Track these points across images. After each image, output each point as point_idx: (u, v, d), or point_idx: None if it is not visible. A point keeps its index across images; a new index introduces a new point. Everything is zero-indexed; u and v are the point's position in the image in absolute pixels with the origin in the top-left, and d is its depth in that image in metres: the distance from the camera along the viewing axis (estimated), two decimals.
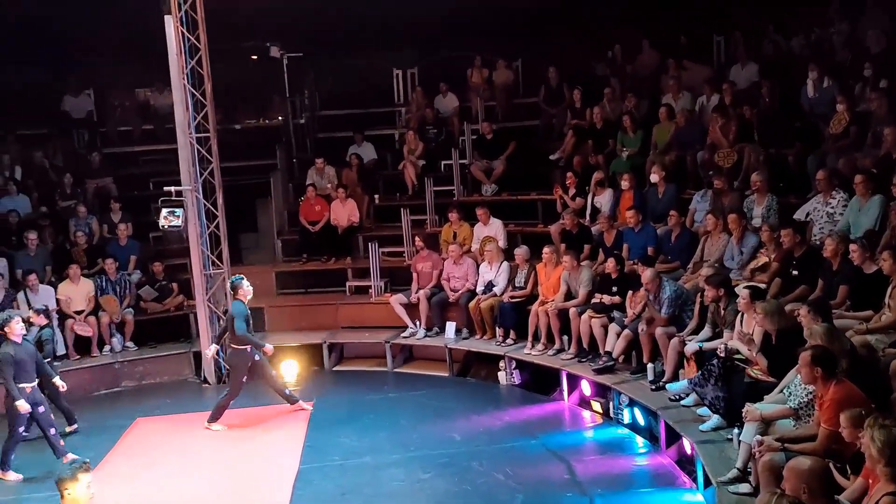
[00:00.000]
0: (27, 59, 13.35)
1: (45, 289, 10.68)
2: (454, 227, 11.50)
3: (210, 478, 7.70)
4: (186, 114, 10.27)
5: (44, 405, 8.00)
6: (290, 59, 14.18)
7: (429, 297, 10.84)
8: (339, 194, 12.34)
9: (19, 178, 12.42)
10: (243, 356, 8.86)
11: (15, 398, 7.70)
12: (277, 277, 12.42)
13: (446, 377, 10.41)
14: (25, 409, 7.73)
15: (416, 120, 13.77)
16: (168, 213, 10.44)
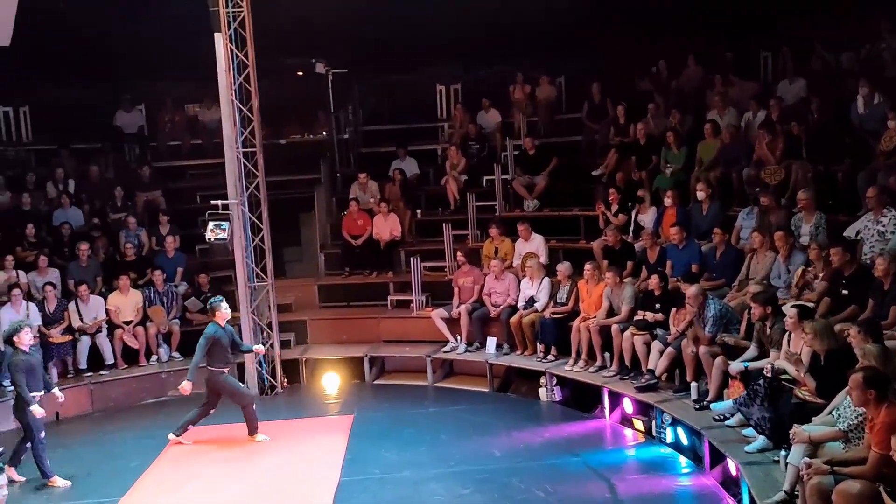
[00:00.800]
0: (83, 77, 13.79)
1: (96, 299, 10.94)
2: (496, 243, 11.51)
3: (252, 488, 7.77)
4: (234, 129, 10.48)
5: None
6: (335, 75, 14.37)
7: (470, 312, 10.85)
8: (381, 209, 12.44)
9: (73, 192, 12.75)
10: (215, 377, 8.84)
11: (29, 403, 7.81)
12: (320, 290, 12.55)
13: (486, 392, 10.39)
14: (41, 414, 7.85)
15: (459, 135, 13.84)
16: (214, 226, 10.63)
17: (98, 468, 8.45)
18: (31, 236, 11.68)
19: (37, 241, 11.71)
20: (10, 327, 8.19)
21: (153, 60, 13.16)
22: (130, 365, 10.96)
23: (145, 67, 13.59)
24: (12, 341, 7.95)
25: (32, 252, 11.38)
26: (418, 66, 14.94)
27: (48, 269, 11.10)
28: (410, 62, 14.69)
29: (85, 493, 7.78)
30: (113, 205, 12.71)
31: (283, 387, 10.89)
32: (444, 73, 15.16)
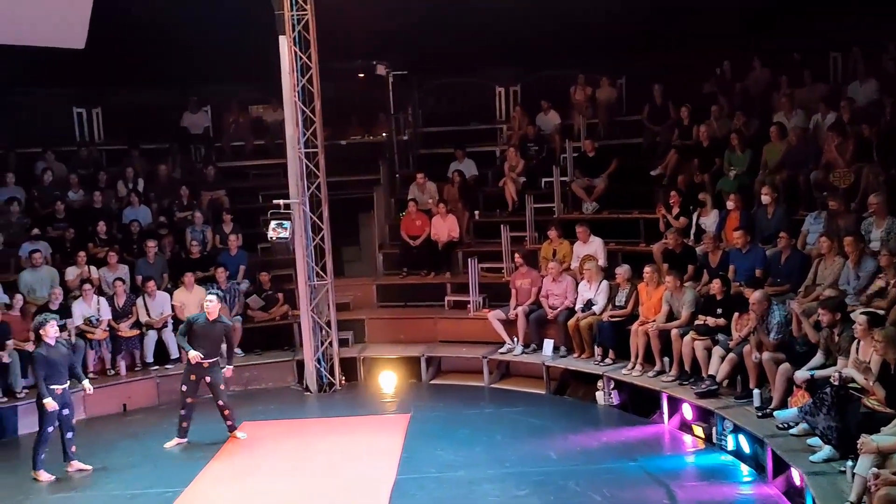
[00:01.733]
0: (152, 80, 14.20)
1: (162, 295, 11.25)
2: (554, 245, 11.46)
3: (310, 482, 7.90)
4: (296, 130, 10.66)
5: (69, 408, 8.31)
6: (395, 76, 14.51)
7: (527, 314, 10.83)
8: (439, 209, 12.51)
9: (142, 190, 13.13)
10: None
11: (42, 396, 8.06)
12: (378, 290, 12.68)
13: (543, 395, 10.36)
14: (52, 407, 8.06)
15: (518, 137, 13.82)
16: (276, 225, 10.85)
17: (163, 459, 8.71)
18: (102, 233, 12.06)
19: (108, 237, 12.08)
20: (37, 320, 8.46)
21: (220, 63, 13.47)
22: None
23: (212, 70, 13.92)
24: (39, 334, 8.22)
25: (103, 248, 11.75)
26: (478, 67, 14.97)
27: (118, 266, 11.45)
28: (470, 64, 14.73)
29: (151, 483, 8.02)
30: (179, 203, 13.04)
31: (341, 384, 11.04)
32: (504, 75, 15.16)
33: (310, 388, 10.91)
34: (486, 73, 15.14)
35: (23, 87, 13.77)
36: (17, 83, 13.50)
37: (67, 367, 8.33)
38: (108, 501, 7.68)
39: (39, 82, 13.73)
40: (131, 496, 7.75)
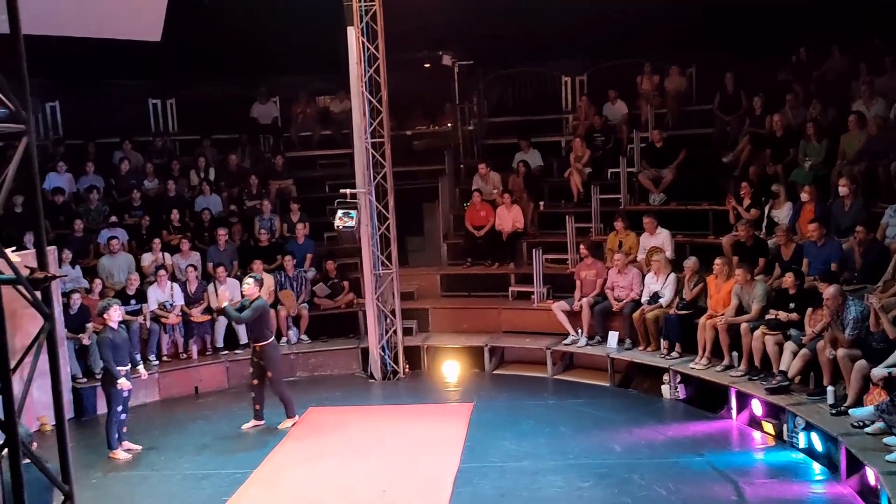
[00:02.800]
0: (223, 72, 14.53)
1: (232, 282, 11.52)
2: (620, 236, 11.33)
3: (375, 468, 8.01)
4: (363, 120, 10.78)
5: (128, 391, 8.58)
6: (461, 67, 14.51)
7: (592, 306, 10.75)
8: (504, 200, 12.49)
9: (213, 179, 13.46)
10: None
11: (116, 377, 8.36)
12: (442, 280, 12.74)
13: (607, 387, 10.27)
14: (126, 386, 8.40)
15: (584, 127, 13.67)
16: (343, 215, 10.99)
17: (234, 440, 8.95)
18: (175, 221, 12.42)
19: (180, 225, 12.45)
20: (101, 305, 8.78)
21: (288, 55, 13.71)
22: None
23: (281, 62, 14.17)
24: (103, 318, 8.53)
25: (176, 236, 12.11)
26: (544, 57, 14.85)
27: (190, 252, 11.77)
28: (536, 54, 14.63)
29: (222, 464, 8.26)
30: (248, 192, 13.32)
31: (405, 373, 11.15)
32: (570, 65, 14.99)
33: (374, 375, 11.05)
34: (552, 62, 15.00)
35: (102, 79, 14.25)
36: (97, 75, 13.99)
37: (128, 351, 8.66)
38: (182, 480, 7.94)
39: (117, 74, 14.20)
40: (204, 476, 8.00)
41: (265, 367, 9.10)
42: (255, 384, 9.21)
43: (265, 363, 9.09)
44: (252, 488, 7.64)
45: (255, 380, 9.21)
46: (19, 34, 3.39)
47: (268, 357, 9.12)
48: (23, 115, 3.40)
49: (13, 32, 3.39)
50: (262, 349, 9.10)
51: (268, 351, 9.13)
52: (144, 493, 7.69)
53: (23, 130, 3.40)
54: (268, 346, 9.14)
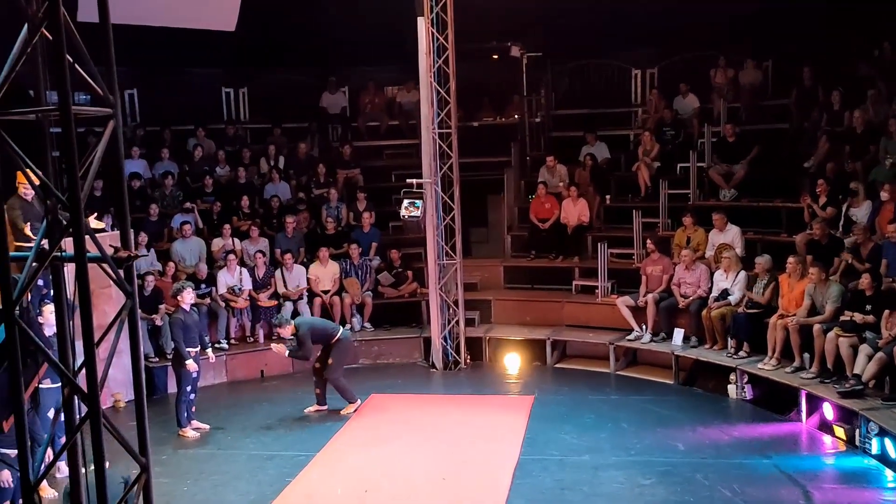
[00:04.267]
0: (294, 62, 14.77)
1: (298, 268, 11.75)
2: (688, 232, 11.13)
3: (435, 456, 8.07)
4: (431, 110, 10.82)
5: (197, 372, 8.80)
6: (529, 58, 14.43)
7: (657, 302, 10.59)
8: (570, 193, 12.40)
9: (282, 167, 13.71)
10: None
11: (185, 358, 8.60)
12: (505, 272, 12.74)
13: (671, 385, 10.13)
14: (194, 368, 8.63)
15: (653, 121, 13.46)
16: (409, 204, 11.08)
17: (298, 423, 9.14)
18: (245, 208, 12.70)
19: (250, 212, 12.72)
20: (175, 287, 9.05)
21: (358, 45, 13.85)
22: None
23: (350, 52, 14.33)
24: (176, 300, 8.78)
25: (246, 222, 12.39)
26: (614, 49, 14.66)
27: (259, 239, 12.02)
28: (606, 45, 14.45)
29: (286, 446, 8.45)
30: (316, 181, 13.52)
31: (467, 363, 11.19)
32: (640, 57, 14.76)
33: (436, 364, 11.12)
34: (622, 55, 14.80)
35: (178, 67, 14.64)
36: (173, 64, 14.37)
37: (198, 333, 8.89)
38: (248, 460, 8.14)
39: (193, 63, 14.56)
40: (268, 457, 8.18)
41: (330, 354, 9.26)
42: (317, 368, 9.38)
43: (331, 351, 9.25)
44: (315, 471, 7.79)
45: (317, 363, 9.38)
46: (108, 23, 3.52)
47: (338, 348, 9.30)
48: (110, 100, 3.53)
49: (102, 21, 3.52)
50: (335, 343, 9.29)
51: (341, 342, 9.33)
52: (211, 470, 7.91)
53: (110, 114, 3.53)
54: (339, 341, 9.33)
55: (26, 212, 8.10)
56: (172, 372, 9.12)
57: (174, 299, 8.94)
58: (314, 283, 11.69)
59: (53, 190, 3.52)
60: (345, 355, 9.53)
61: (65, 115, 3.27)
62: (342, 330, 9.60)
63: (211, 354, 9.31)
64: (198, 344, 8.85)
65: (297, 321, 9.49)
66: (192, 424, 8.88)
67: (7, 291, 3.38)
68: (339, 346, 9.33)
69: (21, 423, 3.43)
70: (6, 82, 3.34)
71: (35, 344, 3.49)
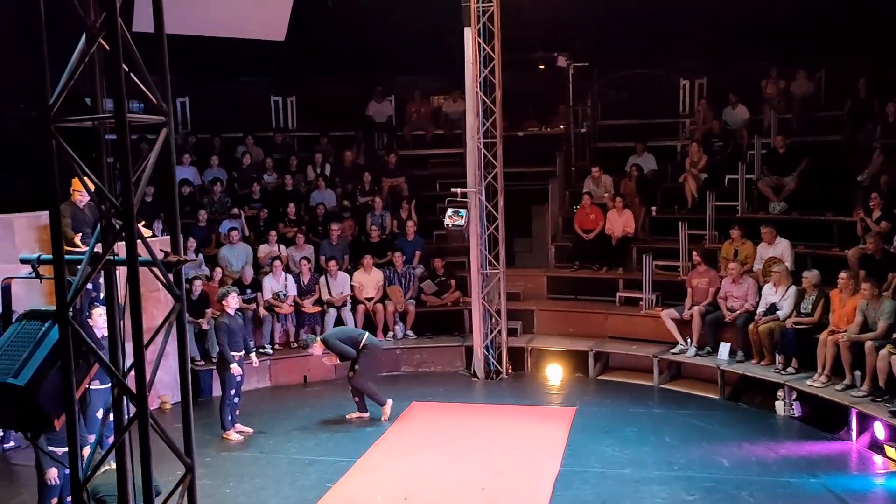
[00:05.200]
0: (342, 70, 14.95)
1: (343, 275, 11.84)
2: (735, 245, 10.96)
3: (475, 466, 8.04)
4: (476, 120, 10.85)
5: (241, 376, 8.90)
6: (576, 68, 14.38)
7: (703, 315, 10.44)
8: (615, 204, 12.30)
9: (328, 175, 13.86)
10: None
11: (229, 362, 8.70)
12: (548, 282, 12.69)
13: (716, 399, 9.96)
14: (238, 372, 8.74)
15: (701, 132, 13.30)
16: (453, 213, 11.11)
17: (339, 430, 9.20)
18: (291, 214, 12.86)
19: (296, 218, 12.88)
20: (220, 292, 9.18)
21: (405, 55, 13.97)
22: None
23: (397, 61, 14.46)
24: (222, 304, 8.91)
25: (292, 228, 12.55)
26: (662, 59, 14.54)
27: (304, 245, 12.17)
28: (654, 56, 14.34)
29: (328, 451, 8.52)
30: (362, 189, 13.64)
31: (508, 373, 11.15)
32: (689, 67, 14.61)
33: (477, 374, 11.11)
34: (670, 65, 14.67)
35: (228, 76, 14.92)
36: (224, 73, 14.66)
37: (243, 337, 9.01)
38: (289, 464, 8.22)
39: (243, 72, 14.84)
40: (310, 461, 8.26)
41: (357, 360, 9.28)
42: (350, 376, 9.43)
43: (359, 358, 9.27)
44: (355, 477, 7.84)
45: (350, 372, 9.43)
46: (163, 33, 3.61)
47: (364, 354, 9.30)
48: (163, 108, 3.62)
49: (157, 31, 3.61)
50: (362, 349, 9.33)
51: (367, 348, 9.34)
52: (254, 473, 8.01)
53: (163, 122, 3.62)
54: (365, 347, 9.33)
55: (76, 219, 8.32)
56: (217, 375, 9.27)
57: (219, 304, 9.10)
58: (358, 290, 11.78)
59: (108, 195, 3.62)
60: (372, 361, 9.51)
61: (120, 122, 3.36)
62: (367, 335, 9.56)
63: (254, 359, 9.42)
64: (242, 348, 8.97)
65: (322, 337, 9.55)
66: (235, 428, 9.00)
67: (62, 293, 3.48)
68: (366, 352, 9.32)
69: (72, 422, 3.52)
70: (64, 91, 3.45)
71: (87, 344, 3.58)
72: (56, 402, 3.56)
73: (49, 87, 3.43)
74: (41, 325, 3.64)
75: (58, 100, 3.44)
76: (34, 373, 3.51)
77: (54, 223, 3.58)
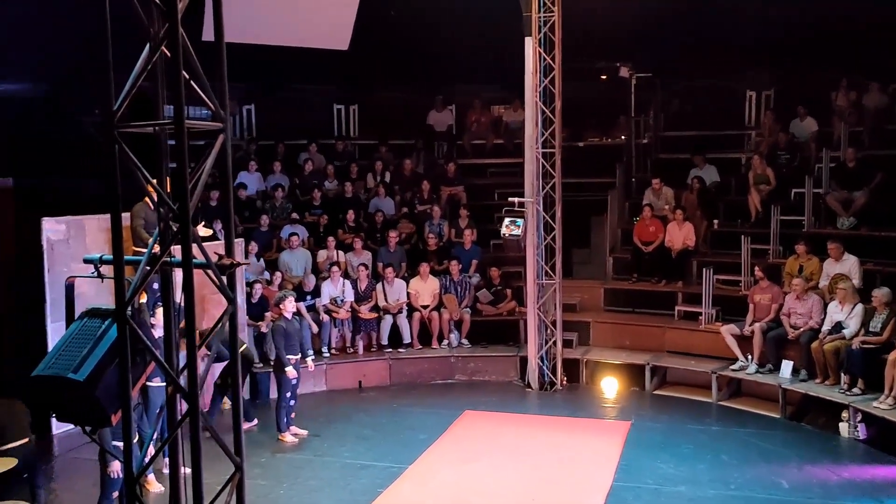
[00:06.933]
0: (403, 80, 15.09)
1: (399, 282, 11.93)
2: (801, 260, 10.66)
3: (526, 477, 8.00)
4: (535, 130, 10.82)
5: (297, 379, 8.99)
6: (638, 78, 14.22)
7: (765, 331, 10.18)
8: (676, 216, 12.11)
9: (388, 182, 14.00)
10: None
11: (284, 365, 8.81)
12: (606, 294, 12.54)
13: (777, 419, 9.69)
14: (293, 375, 8.85)
15: (767, 144, 13.00)
16: (510, 223, 11.09)
17: (391, 436, 9.26)
18: (350, 221, 13.02)
19: (355, 225, 13.03)
20: (277, 296, 9.35)
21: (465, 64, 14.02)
22: (424, 346, 11.79)
23: (458, 70, 14.52)
24: (279, 308, 9.05)
25: (351, 235, 12.70)
26: (727, 70, 14.25)
27: (362, 252, 12.30)
28: (719, 67, 14.06)
29: (380, 456, 8.58)
30: (420, 197, 13.72)
31: (563, 384, 11.06)
32: (756, 79, 14.30)
33: (531, 384, 11.05)
34: (736, 76, 14.37)
35: (293, 84, 15.22)
36: (289, 81, 14.95)
37: (299, 341, 9.14)
38: (342, 468, 8.31)
39: (307, 80, 15.11)
40: (362, 466, 8.33)
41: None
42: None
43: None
44: (406, 483, 7.87)
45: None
46: (223, 42, 3.72)
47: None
48: (221, 115, 3.73)
49: (217, 40, 3.72)
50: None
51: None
52: (307, 475, 8.12)
53: (220, 129, 3.73)
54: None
55: (150, 220, 8.58)
56: (274, 378, 9.43)
57: (277, 307, 9.26)
58: (414, 297, 11.84)
59: (166, 199, 3.74)
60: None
61: (178, 128, 3.47)
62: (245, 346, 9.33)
63: (310, 363, 9.54)
64: (298, 351, 9.10)
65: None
66: (290, 430, 9.14)
67: (121, 293, 3.61)
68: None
69: (127, 418, 3.64)
70: (128, 97, 3.58)
71: (143, 343, 3.70)
72: (113, 398, 3.69)
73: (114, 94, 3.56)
74: (101, 323, 3.78)
75: (122, 105, 3.57)
76: (93, 369, 3.65)
77: (115, 224, 3.71)
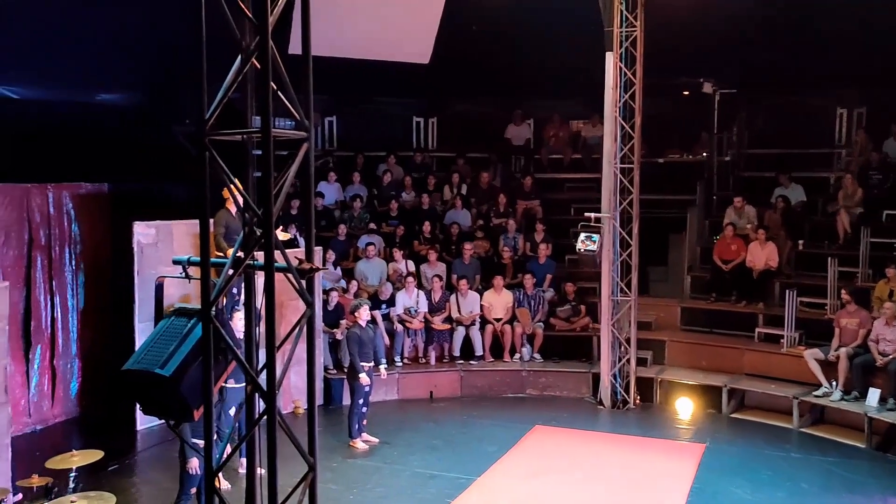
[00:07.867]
0: (482, 93, 15.19)
1: (473, 295, 11.98)
2: (891, 285, 10.24)
3: (595, 496, 7.92)
4: (614, 145, 10.74)
5: (370, 386, 9.08)
6: (722, 95, 13.95)
7: (851, 357, 9.80)
8: (759, 236, 11.79)
9: (464, 195, 14.09)
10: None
11: (358, 372, 8.94)
12: (682, 313, 12.30)
13: (861, 448, 9.31)
14: (366, 382, 8.97)
15: (858, 164, 12.57)
16: (585, 238, 11.03)
17: (461, 447, 9.29)
18: (426, 232, 13.14)
19: (430, 237, 13.15)
20: (353, 304, 9.50)
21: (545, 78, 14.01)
22: (496, 359, 11.79)
23: (537, 85, 14.51)
24: (354, 316, 9.20)
25: (426, 246, 12.83)
26: (816, 87, 13.83)
27: (437, 263, 12.40)
28: (808, 83, 13.67)
29: (449, 467, 8.62)
30: (496, 210, 13.76)
31: (636, 403, 10.89)
32: (847, 96, 13.83)
33: (603, 402, 10.91)
34: (826, 92, 13.93)
35: (374, 97, 15.51)
36: (370, 94, 15.24)
37: (372, 349, 9.27)
38: (411, 477, 8.38)
39: (388, 93, 15.37)
40: (430, 476, 8.38)
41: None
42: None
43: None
44: (474, 495, 7.88)
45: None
46: (309, 56, 3.85)
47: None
48: (305, 125, 3.85)
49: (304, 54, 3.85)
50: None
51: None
52: (376, 482, 8.22)
53: (304, 138, 3.85)
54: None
55: (230, 227, 8.90)
56: (347, 384, 9.58)
57: (352, 315, 9.43)
58: (487, 310, 11.87)
59: (252, 205, 3.88)
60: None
61: (265, 137, 3.61)
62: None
63: (383, 371, 9.67)
64: (371, 359, 9.24)
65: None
66: (362, 437, 9.27)
67: (206, 293, 3.76)
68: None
69: (209, 414, 3.78)
70: (220, 106, 3.74)
71: (226, 342, 3.84)
72: (197, 394, 3.84)
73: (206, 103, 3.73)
74: (187, 322, 3.95)
75: (213, 115, 3.73)
76: (178, 365, 3.81)
77: (203, 229, 3.87)
